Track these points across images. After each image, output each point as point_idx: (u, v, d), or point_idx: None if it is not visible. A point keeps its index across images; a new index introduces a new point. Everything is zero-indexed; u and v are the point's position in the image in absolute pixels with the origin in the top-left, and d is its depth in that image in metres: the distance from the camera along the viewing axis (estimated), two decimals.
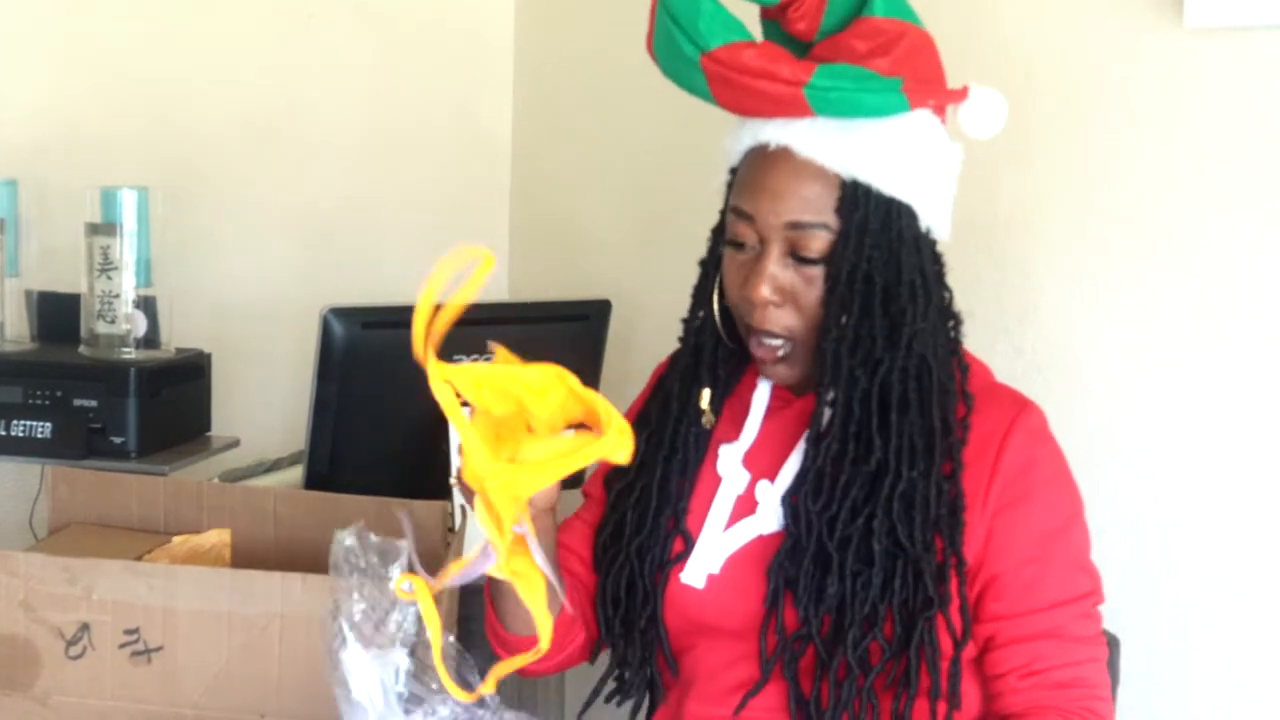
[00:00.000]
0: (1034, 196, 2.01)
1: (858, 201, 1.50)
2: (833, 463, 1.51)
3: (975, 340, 1.61)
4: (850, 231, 1.49)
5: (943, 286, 1.57)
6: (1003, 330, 1.99)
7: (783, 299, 1.53)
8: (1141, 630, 1.85)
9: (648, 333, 2.49)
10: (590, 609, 1.65)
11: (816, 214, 1.50)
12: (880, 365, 1.50)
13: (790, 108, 1.49)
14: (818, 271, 1.51)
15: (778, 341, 1.55)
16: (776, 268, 1.52)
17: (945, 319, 1.56)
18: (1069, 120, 1.98)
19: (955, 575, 1.49)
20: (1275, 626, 1.87)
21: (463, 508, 2.00)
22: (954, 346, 1.57)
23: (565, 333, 2.25)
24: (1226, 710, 1.91)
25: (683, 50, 1.50)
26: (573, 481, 2.33)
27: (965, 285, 1.61)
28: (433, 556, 1.84)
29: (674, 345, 1.77)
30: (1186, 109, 1.89)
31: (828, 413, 1.52)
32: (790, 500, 1.53)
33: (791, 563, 1.51)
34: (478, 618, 2.07)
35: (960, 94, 1.51)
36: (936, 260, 1.56)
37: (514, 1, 2.77)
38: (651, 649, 1.60)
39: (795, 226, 1.50)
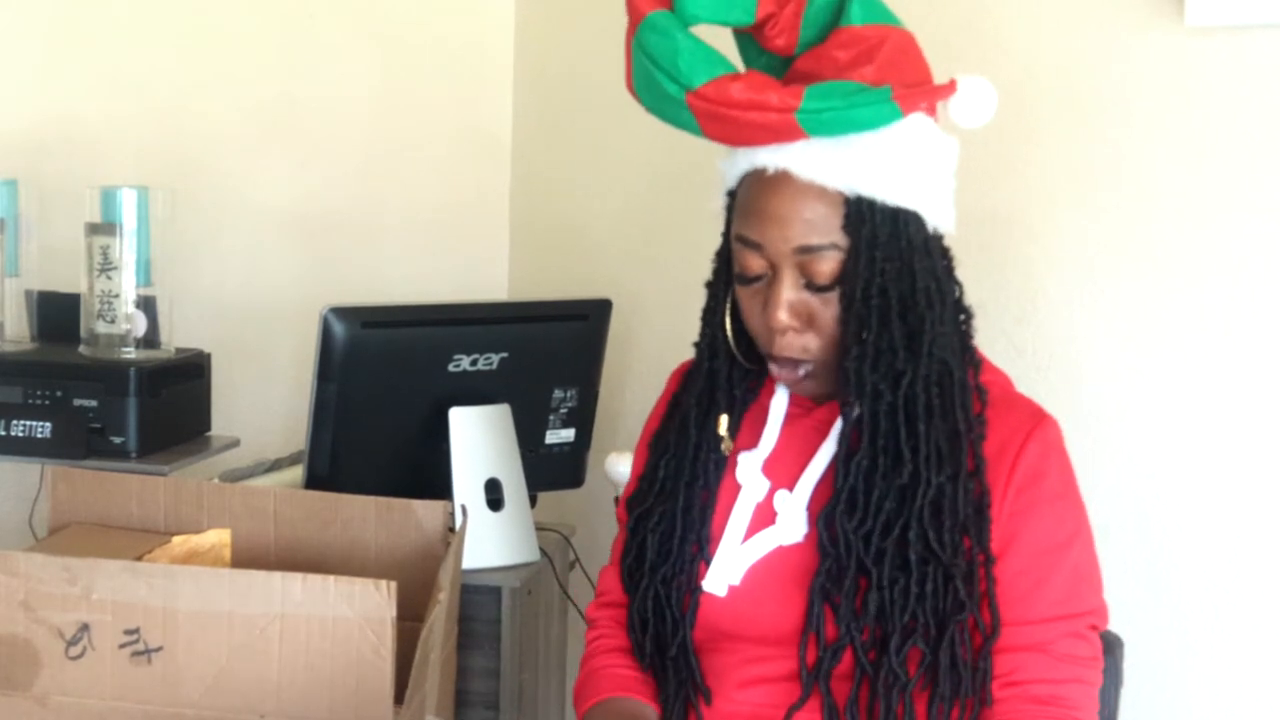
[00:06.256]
0: (1034, 196, 2.01)
1: (863, 216, 1.48)
2: (864, 479, 1.50)
3: (975, 340, 1.61)
4: (860, 248, 1.48)
5: (953, 282, 1.56)
6: (1002, 330, 1.99)
7: (802, 323, 1.52)
8: (1141, 630, 1.85)
9: (648, 332, 2.49)
10: None
11: (824, 235, 1.49)
12: (903, 377, 1.49)
13: (784, 134, 1.47)
14: (833, 292, 1.51)
15: (800, 366, 1.54)
16: (791, 292, 1.51)
17: (957, 315, 1.56)
18: (1069, 119, 1.98)
19: (984, 573, 1.49)
20: (1275, 626, 1.87)
21: (463, 506, 2.00)
22: (966, 341, 1.57)
23: (565, 332, 2.25)
24: (1226, 710, 1.91)
25: (666, 90, 1.48)
26: (572, 481, 2.34)
27: (965, 285, 1.61)
28: (432, 557, 1.84)
29: (674, 345, 1.77)
30: (1187, 108, 1.89)
31: (854, 429, 1.52)
32: (826, 522, 1.51)
33: (833, 583, 1.50)
34: (478, 617, 2.07)
35: (949, 88, 1.49)
36: (946, 256, 1.56)
37: (514, 2, 2.77)
38: (684, 676, 1.59)
39: (805, 250, 1.49)
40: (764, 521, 1.58)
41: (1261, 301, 1.86)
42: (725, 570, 1.57)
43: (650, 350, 2.47)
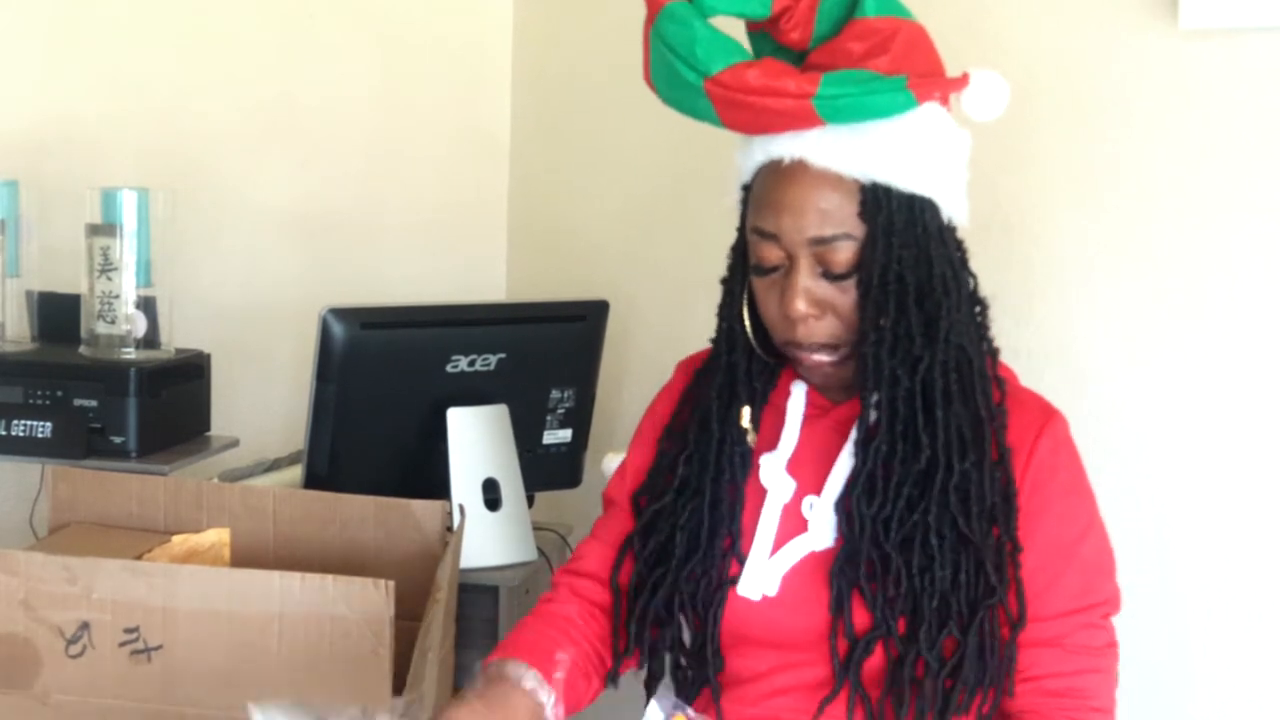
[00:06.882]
0: (1033, 196, 2.01)
1: (879, 204, 1.49)
2: (883, 465, 1.50)
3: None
4: (876, 235, 1.49)
5: (968, 273, 1.57)
6: (1002, 330, 1.98)
7: (820, 310, 1.52)
8: (1141, 630, 1.85)
9: (645, 333, 2.49)
10: (610, 637, 1.63)
11: (840, 225, 1.49)
12: (920, 362, 1.50)
13: (800, 120, 1.48)
14: (850, 280, 1.51)
15: (825, 353, 1.54)
16: (808, 281, 1.51)
17: (973, 305, 1.57)
18: (1067, 121, 1.98)
19: (1011, 561, 1.50)
20: (1275, 626, 1.87)
21: (461, 506, 2.01)
22: (983, 332, 1.57)
23: (563, 333, 2.25)
24: (1226, 710, 1.91)
25: (684, 78, 1.49)
26: (569, 481, 2.35)
27: None
28: (431, 556, 1.85)
29: (671, 346, 1.77)
30: (1183, 110, 1.89)
31: (873, 415, 1.52)
32: (844, 507, 1.52)
33: (850, 568, 1.50)
34: (476, 616, 2.07)
35: (962, 81, 1.51)
36: (960, 248, 1.57)
37: (513, 2, 2.77)
38: (705, 672, 1.58)
39: (821, 240, 1.50)
40: (795, 529, 1.57)
41: (1261, 301, 1.86)
42: (759, 579, 1.56)
43: (647, 351, 2.48)
